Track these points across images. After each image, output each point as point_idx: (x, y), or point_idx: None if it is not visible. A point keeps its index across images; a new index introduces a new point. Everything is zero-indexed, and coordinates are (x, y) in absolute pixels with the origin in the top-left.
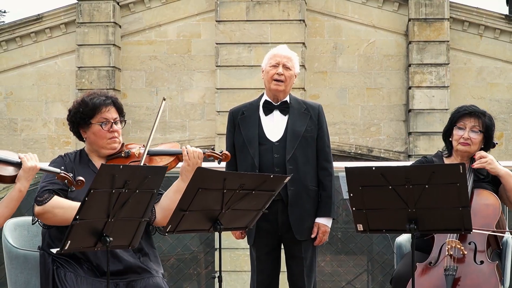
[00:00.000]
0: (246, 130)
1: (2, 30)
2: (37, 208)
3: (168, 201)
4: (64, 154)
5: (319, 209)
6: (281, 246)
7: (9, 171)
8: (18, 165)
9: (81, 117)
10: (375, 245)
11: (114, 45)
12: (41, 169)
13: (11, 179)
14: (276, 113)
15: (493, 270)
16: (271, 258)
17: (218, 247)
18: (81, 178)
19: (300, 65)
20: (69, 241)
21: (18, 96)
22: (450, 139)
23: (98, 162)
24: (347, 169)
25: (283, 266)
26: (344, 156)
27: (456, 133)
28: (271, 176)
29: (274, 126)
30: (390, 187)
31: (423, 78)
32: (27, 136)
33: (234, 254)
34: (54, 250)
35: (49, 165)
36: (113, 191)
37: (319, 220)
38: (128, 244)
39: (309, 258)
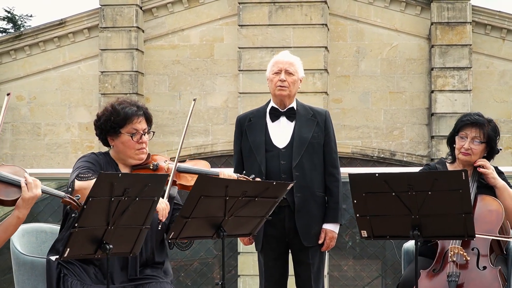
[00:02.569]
0: (253, 137)
1: (25, 35)
2: (81, 183)
3: None
4: (94, 152)
5: (326, 215)
6: (288, 252)
7: (10, 194)
8: (20, 187)
9: (112, 126)
10: (388, 250)
11: (137, 49)
12: (43, 191)
13: (12, 203)
14: (283, 119)
15: (495, 276)
16: (279, 264)
17: (236, 252)
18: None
19: (323, 69)
20: (68, 249)
21: (41, 101)
22: (454, 145)
23: (123, 169)
24: (351, 176)
25: (291, 271)
26: (367, 160)
27: (458, 142)
28: (274, 183)
29: (281, 132)
30: (393, 193)
31: (446, 81)
32: (50, 141)
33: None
34: (53, 258)
35: (79, 160)
36: (112, 199)
37: (326, 226)
38: (129, 252)
39: (316, 264)
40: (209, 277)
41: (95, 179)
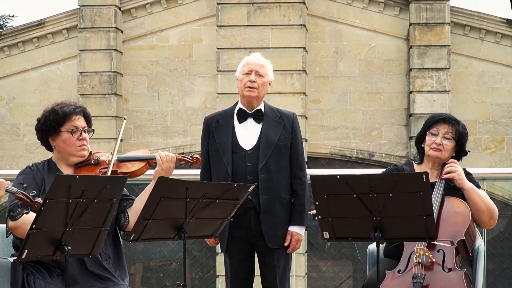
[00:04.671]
0: (220, 138)
1: (4, 36)
2: (10, 223)
3: (141, 205)
4: (32, 165)
5: (292, 217)
6: (254, 253)
7: None
8: None
9: (51, 125)
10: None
11: (115, 50)
12: (7, 191)
13: None
14: (250, 121)
15: (461, 278)
16: (244, 265)
17: (214, 252)
18: (39, 200)
19: (301, 70)
20: (26, 250)
21: (20, 101)
22: (423, 145)
23: (66, 170)
24: (312, 178)
25: (257, 272)
26: (346, 160)
27: (429, 138)
28: (235, 185)
29: (248, 134)
30: (354, 195)
31: (424, 82)
32: (29, 141)
33: None
34: (11, 259)
35: (17, 176)
36: (70, 201)
37: (292, 228)
38: (89, 253)
39: (282, 266)
40: (188, 277)
41: (23, 215)
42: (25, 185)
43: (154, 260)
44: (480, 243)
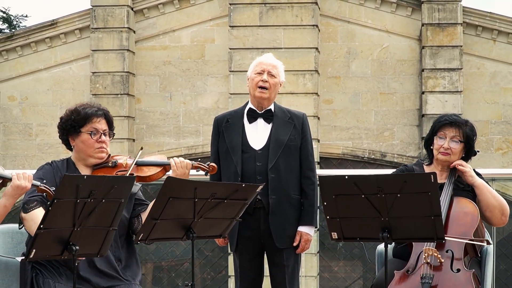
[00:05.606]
0: (230, 138)
1: (17, 36)
2: (22, 214)
3: None
4: (52, 162)
5: (301, 217)
6: (264, 253)
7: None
8: (9, 180)
9: (72, 124)
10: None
11: (128, 50)
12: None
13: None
14: (260, 121)
15: (469, 278)
16: (253, 265)
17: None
18: None
19: (314, 70)
20: (34, 250)
21: (33, 101)
22: (432, 147)
23: (84, 171)
24: (321, 178)
25: (267, 272)
26: (358, 161)
27: (437, 142)
28: (243, 185)
29: (258, 134)
30: (363, 196)
31: (436, 83)
32: (42, 141)
33: None
34: (19, 258)
35: (37, 171)
36: (78, 200)
37: (301, 228)
38: (97, 253)
39: (291, 266)
40: (200, 277)
41: (38, 208)
42: (44, 180)
43: (166, 260)
44: (488, 245)
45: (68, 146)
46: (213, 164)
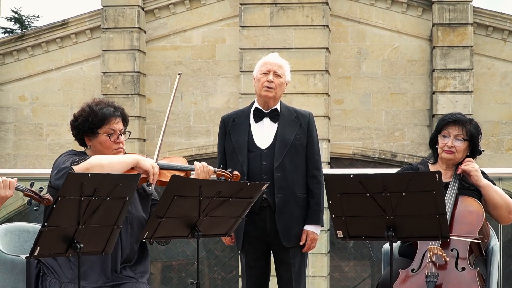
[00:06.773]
0: (236, 137)
1: (27, 36)
2: (79, 166)
3: None
4: (73, 149)
5: (308, 216)
6: (270, 252)
7: None
8: None
9: (90, 126)
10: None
11: (139, 50)
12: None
13: None
14: (266, 120)
15: (474, 277)
16: (260, 264)
17: (237, 252)
18: (47, 196)
19: (324, 70)
20: (38, 247)
21: (43, 101)
22: (436, 146)
23: None
24: (326, 177)
25: (273, 272)
26: (368, 161)
27: (441, 141)
28: (248, 184)
29: (264, 133)
30: (368, 194)
31: (447, 83)
32: (52, 141)
33: None
34: (23, 256)
35: (63, 155)
36: (82, 198)
37: (307, 227)
38: (102, 251)
39: (297, 265)
40: (210, 277)
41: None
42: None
43: (176, 259)
44: (495, 243)
45: (83, 144)
46: (237, 173)
